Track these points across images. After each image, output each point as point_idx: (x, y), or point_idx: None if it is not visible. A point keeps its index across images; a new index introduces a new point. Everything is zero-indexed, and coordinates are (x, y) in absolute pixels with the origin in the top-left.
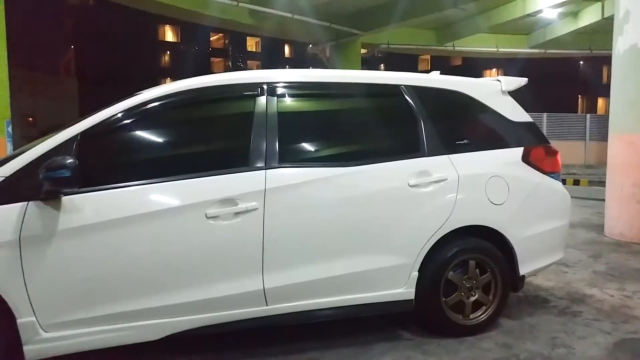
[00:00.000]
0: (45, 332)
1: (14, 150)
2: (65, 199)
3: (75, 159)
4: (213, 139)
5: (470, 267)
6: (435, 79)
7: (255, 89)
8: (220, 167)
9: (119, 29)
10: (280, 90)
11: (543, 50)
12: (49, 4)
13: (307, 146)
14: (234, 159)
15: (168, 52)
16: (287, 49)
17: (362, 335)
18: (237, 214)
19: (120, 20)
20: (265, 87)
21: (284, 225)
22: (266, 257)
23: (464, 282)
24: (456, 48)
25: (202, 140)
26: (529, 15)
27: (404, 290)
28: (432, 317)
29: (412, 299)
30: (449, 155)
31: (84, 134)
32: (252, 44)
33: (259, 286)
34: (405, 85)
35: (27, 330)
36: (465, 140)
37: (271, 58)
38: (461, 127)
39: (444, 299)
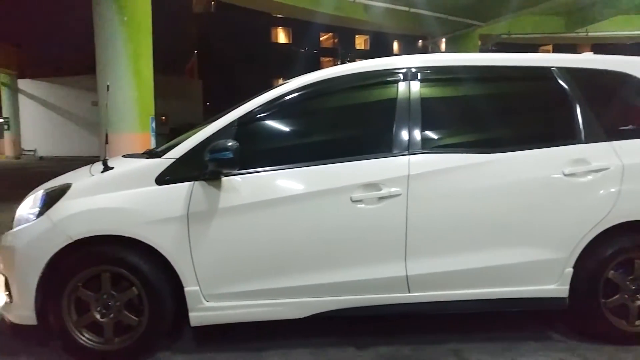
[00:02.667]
0: (207, 301)
1: (156, 144)
2: (225, 179)
3: (235, 141)
4: (357, 124)
5: (636, 267)
6: (592, 59)
7: (398, 74)
8: (364, 152)
9: (237, 33)
10: (423, 75)
11: None
12: (176, 13)
13: (451, 132)
14: (378, 144)
15: (280, 53)
16: (396, 45)
17: (506, 332)
18: (380, 198)
19: (238, 25)
20: (408, 72)
21: (428, 211)
22: (409, 243)
23: (628, 283)
24: (590, 34)
25: (347, 126)
26: None
27: (556, 287)
28: (590, 320)
29: (565, 297)
30: (612, 143)
31: (241, 120)
32: (360, 42)
33: (402, 272)
34: (557, 67)
35: (192, 298)
36: (630, 126)
37: (380, 55)
38: (626, 111)
39: (603, 300)
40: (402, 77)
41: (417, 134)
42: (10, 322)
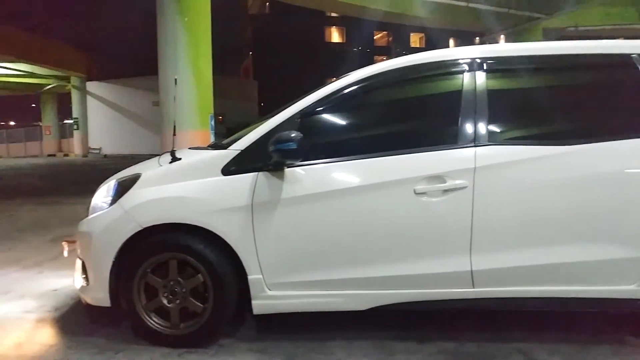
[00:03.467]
0: (269, 290)
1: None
2: (287, 170)
3: (299, 133)
4: (421, 116)
5: None
6: None
7: (463, 65)
8: (428, 144)
9: (291, 33)
10: (490, 65)
11: None
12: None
13: (520, 123)
14: (442, 136)
15: (334, 53)
16: (452, 42)
17: (579, 334)
18: (445, 191)
19: (292, 26)
20: (473, 62)
21: (495, 205)
22: (475, 237)
23: None
24: None
25: (409, 118)
26: None
27: (636, 287)
28: None
29: None
30: None
31: (303, 112)
32: (415, 40)
33: (467, 267)
34: (638, 55)
35: (255, 287)
36: None
37: None
38: None
39: None
40: (467, 68)
41: (483, 126)
42: (86, 304)
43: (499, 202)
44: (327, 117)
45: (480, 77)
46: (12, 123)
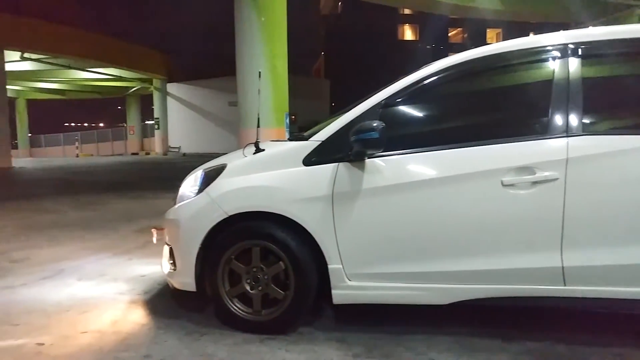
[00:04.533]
0: (349, 280)
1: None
2: (368, 161)
3: (381, 122)
4: (507, 105)
5: None
6: None
7: (554, 51)
8: (516, 134)
9: (363, 33)
10: (584, 51)
11: None
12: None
13: (616, 112)
14: (531, 126)
15: (407, 51)
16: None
17: None
18: (534, 183)
19: (364, 25)
20: (566, 48)
21: (589, 198)
22: (566, 231)
23: None
24: None
25: (496, 107)
26: None
27: None
28: None
29: None
30: None
31: (384, 102)
32: (492, 36)
33: (557, 263)
34: None
35: (335, 276)
36: None
37: None
38: None
39: None
40: (559, 54)
41: (576, 115)
42: (173, 288)
43: (593, 195)
44: (409, 107)
45: (573, 64)
46: (101, 124)
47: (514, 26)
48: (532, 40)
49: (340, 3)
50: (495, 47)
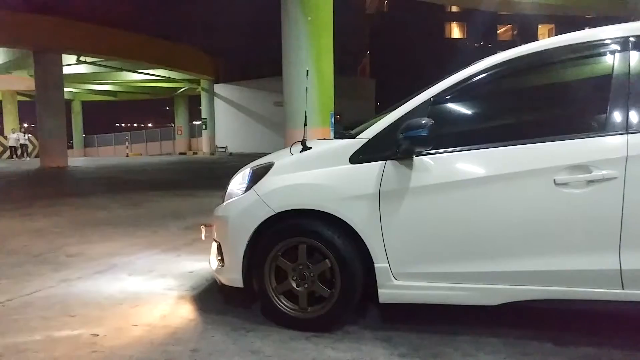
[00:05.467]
0: (396, 279)
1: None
2: (416, 159)
3: (430, 119)
4: (561, 102)
5: None
6: None
7: (614, 45)
8: (571, 131)
9: (410, 31)
10: None
11: None
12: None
13: None
14: (586, 123)
15: (454, 49)
16: None
17: None
18: (590, 182)
19: (410, 24)
20: (627, 41)
21: None
22: (625, 233)
23: None
24: None
25: (548, 104)
26: None
27: None
28: None
29: None
30: None
31: (433, 99)
32: (544, 32)
33: (615, 266)
34: None
35: (382, 275)
36: None
37: None
38: None
39: None
40: (619, 48)
41: (637, 111)
42: (220, 284)
43: None
44: (458, 104)
45: (634, 58)
46: (150, 125)
47: (567, 21)
48: (588, 34)
49: (386, 2)
50: (549, 41)
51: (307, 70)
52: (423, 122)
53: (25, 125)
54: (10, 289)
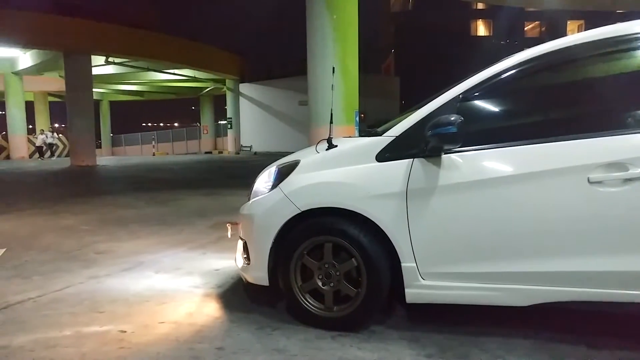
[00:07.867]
0: (423, 279)
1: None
2: (444, 157)
3: (459, 116)
4: (595, 98)
5: None
6: None
7: None
8: (605, 128)
9: (435, 29)
10: None
11: None
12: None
13: None
14: (623, 119)
15: (480, 47)
16: None
17: None
18: (626, 180)
19: (435, 22)
20: None
21: None
22: None
23: None
24: None
25: (582, 100)
26: None
27: None
28: None
29: None
30: None
31: (461, 96)
32: (573, 28)
33: None
34: None
35: (409, 275)
36: None
37: None
38: None
39: None
40: None
41: None
42: (246, 282)
43: None
44: (488, 101)
45: None
46: (176, 124)
47: (597, 17)
48: (622, 28)
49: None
50: (581, 36)
51: (333, 68)
52: (452, 119)
53: (56, 125)
54: (41, 285)
